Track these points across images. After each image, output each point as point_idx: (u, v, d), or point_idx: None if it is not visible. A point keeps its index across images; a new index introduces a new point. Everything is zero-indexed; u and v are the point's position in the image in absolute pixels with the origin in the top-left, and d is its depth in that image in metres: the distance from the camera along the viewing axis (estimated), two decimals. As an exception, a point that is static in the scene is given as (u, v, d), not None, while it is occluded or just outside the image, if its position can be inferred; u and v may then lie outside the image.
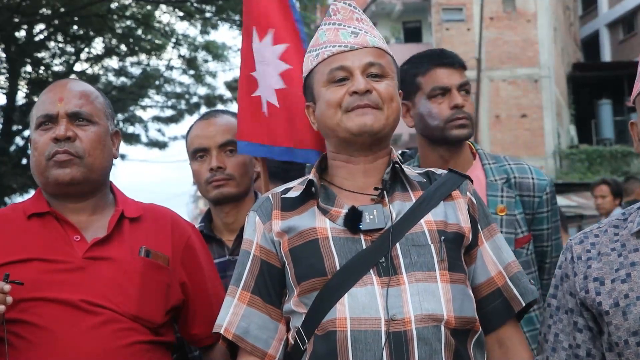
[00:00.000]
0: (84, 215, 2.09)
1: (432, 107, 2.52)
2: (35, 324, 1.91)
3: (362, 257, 1.77)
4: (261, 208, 1.92)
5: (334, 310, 1.73)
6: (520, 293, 1.88)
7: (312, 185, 1.88)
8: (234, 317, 1.85)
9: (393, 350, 1.67)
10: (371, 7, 27.74)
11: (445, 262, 1.78)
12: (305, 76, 1.96)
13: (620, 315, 1.71)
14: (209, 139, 2.57)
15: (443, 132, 2.51)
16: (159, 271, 2.08)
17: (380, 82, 1.87)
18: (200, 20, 14.63)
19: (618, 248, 1.80)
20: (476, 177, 2.55)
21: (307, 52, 1.96)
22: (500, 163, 2.61)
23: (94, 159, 2.08)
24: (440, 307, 1.73)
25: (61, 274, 1.97)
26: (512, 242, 2.48)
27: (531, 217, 2.55)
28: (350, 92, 1.84)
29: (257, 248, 1.88)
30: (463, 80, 2.55)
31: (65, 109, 2.07)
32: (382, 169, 1.89)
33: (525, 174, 2.58)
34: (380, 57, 1.89)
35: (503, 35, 24.03)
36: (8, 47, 14.04)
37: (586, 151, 23.93)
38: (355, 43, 1.88)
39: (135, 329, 1.98)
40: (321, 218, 1.83)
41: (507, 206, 2.51)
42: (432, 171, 1.97)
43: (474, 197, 1.92)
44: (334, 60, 1.88)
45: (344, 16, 1.93)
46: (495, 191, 2.53)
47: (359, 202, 1.84)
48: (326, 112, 1.87)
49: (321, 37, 1.93)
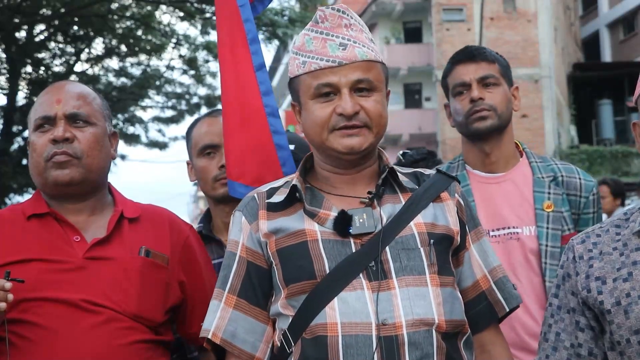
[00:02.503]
0: (83, 216, 2.10)
1: (456, 103, 2.59)
2: (37, 324, 1.92)
3: (352, 261, 1.75)
4: (247, 208, 1.89)
5: (323, 314, 1.71)
6: (505, 298, 1.89)
7: (296, 191, 1.85)
8: (221, 321, 1.83)
9: (384, 354, 1.67)
10: (371, 7, 27.76)
11: (435, 265, 1.78)
12: (290, 77, 1.91)
13: (622, 314, 1.71)
14: (219, 136, 2.55)
15: (467, 127, 2.57)
16: (158, 271, 2.09)
17: (369, 97, 1.81)
18: (200, 21, 14.62)
19: (620, 247, 1.79)
20: (523, 174, 2.60)
21: (293, 53, 1.91)
22: (547, 162, 2.64)
23: (92, 159, 2.09)
24: (432, 312, 1.72)
25: (62, 274, 1.98)
26: (558, 238, 2.49)
27: (577, 217, 2.55)
28: (337, 113, 1.80)
29: (242, 249, 1.85)
30: (485, 73, 2.55)
31: (63, 110, 2.08)
32: (369, 175, 1.88)
33: (572, 173, 2.59)
34: (368, 70, 1.82)
35: (503, 35, 24.05)
36: (8, 47, 14.04)
37: (586, 151, 23.95)
38: (344, 58, 1.80)
39: (135, 328, 1.99)
40: (309, 221, 1.81)
41: (554, 203, 2.52)
42: (421, 172, 1.96)
43: (462, 199, 1.92)
44: (321, 75, 1.80)
45: (332, 24, 1.85)
46: (542, 188, 2.55)
47: (348, 204, 1.83)
48: (313, 129, 1.83)
49: (307, 43, 1.84)
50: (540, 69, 24.90)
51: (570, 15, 31.81)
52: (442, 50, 24.47)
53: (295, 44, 1.91)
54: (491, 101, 2.53)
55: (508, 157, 2.61)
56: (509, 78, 2.63)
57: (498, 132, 2.56)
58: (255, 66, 2.51)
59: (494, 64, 2.58)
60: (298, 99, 1.89)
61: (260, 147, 2.45)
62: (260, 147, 2.45)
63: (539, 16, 25.47)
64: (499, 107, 2.54)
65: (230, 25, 2.54)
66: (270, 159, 2.45)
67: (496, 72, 2.57)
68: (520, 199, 2.55)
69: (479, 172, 2.62)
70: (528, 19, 25.48)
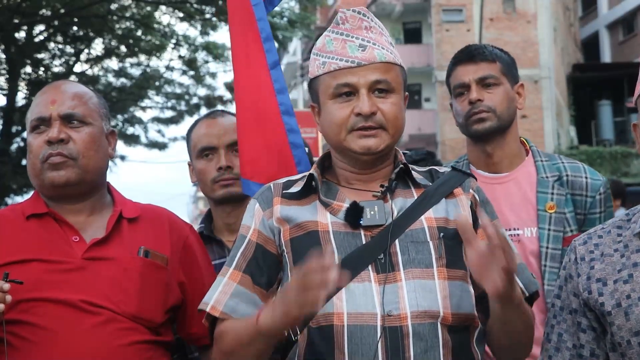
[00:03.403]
0: (82, 216, 2.10)
1: (457, 105, 2.58)
2: (36, 324, 1.92)
3: (361, 252, 1.77)
4: (262, 196, 1.92)
5: (330, 304, 1.72)
6: (524, 283, 1.88)
7: (312, 180, 1.88)
8: (223, 296, 1.83)
9: (389, 344, 1.68)
10: (371, 8, 27.75)
11: (444, 258, 1.78)
12: (311, 78, 1.95)
13: (623, 316, 1.71)
14: (217, 137, 2.57)
15: (467, 129, 2.56)
16: (158, 271, 2.09)
17: (386, 99, 1.84)
18: (200, 21, 14.62)
19: (621, 249, 1.80)
20: (528, 173, 2.58)
21: (313, 54, 1.94)
22: (553, 161, 2.60)
23: (89, 160, 2.08)
24: (437, 304, 1.73)
25: (61, 274, 1.98)
26: (559, 240, 2.46)
27: (582, 217, 2.51)
28: (355, 113, 1.83)
29: (254, 233, 1.87)
30: (484, 74, 2.53)
31: (58, 111, 2.08)
32: (385, 175, 1.90)
33: (578, 172, 2.55)
34: (387, 72, 1.85)
35: (503, 36, 24.02)
36: (8, 47, 14.04)
37: (586, 152, 23.90)
38: (363, 59, 1.84)
39: (135, 329, 1.99)
40: (322, 211, 1.84)
41: (556, 204, 2.49)
42: (435, 169, 1.97)
43: (477, 195, 1.92)
44: (340, 75, 1.84)
45: (352, 26, 1.88)
46: (546, 188, 2.52)
47: (361, 197, 1.85)
48: (331, 128, 1.87)
49: (328, 44, 1.89)
50: (540, 70, 24.89)
51: (570, 16, 31.81)
52: (442, 51, 24.47)
53: (316, 46, 1.94)
54: (490, 102, 2.51)
55: (512, 157, 2.59)
56: (512, 76, 2.61)
57: (500, 133, 2.55)
58: (270, 64, 2.52)
59: (495, 63, 2.56)
60: (317, 99, 1.92)
61: (275, 145, 2.46)
62: (275, 146, 2.46)
63: (538, 17, 25.46)
64: (498, 108, 2.52)
65: (243, 24, 2.55)
66: (285, 157, 2.46)
67: (497, 72, 2.55)
68: (523, 199, 2.53)
69: (483, 172, 2.60)
70: (527, 19, 25.47)
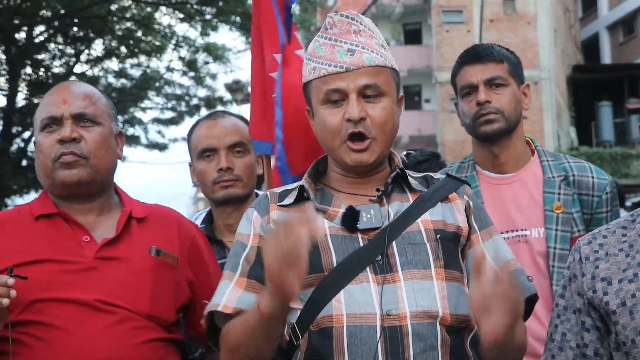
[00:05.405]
0: (92, 216, 2.11)
1: (464, 105, 2.56)
2: (51, 324, 1.93)
3: (359, 254, 1.78)
4: (259, 204, 1.92)
5: (329, 307, 1.73)
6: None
7: (303, 191, 1.88)
8: (232, 297, 1.82)
9: (388, 344, 1.68)
10: (371, 9, 27.78)
11: (441, 260, 1.79)
12: (304, 82, 1.95)
13: (627, 315, 1.71)
14: (218, 139, 2.57)
15: (474, 130, 2.54)
16: (169, 270, 2.10)
17: (376, 104, 1.84)
18: (200, 22, 14.64)
19: (626, 248, 1.80)
20: (533, 173, 2.56)
21: (305, 59, 1.95)
22: (559, 161, 2.59)
23: (99, 159, 2.09)
24: (436, 304, 1.74)
25: (74, 274, 1.98)
26: (567, 240, 2.45)
27: (589, 216, 2.50)
28: (345, 118, 1.83)
29: (255, 238, 1.86)
30: (492, 75, 2.51)
31: (70, 110, 2.09)
32: (381, 178, 1.91)
33: (584, 172, 2.54)
34: (376, 75, 1.84)
35: (503, 37, 24.03)
36: (8, 48, 14.04)
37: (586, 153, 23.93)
38: (351, 63, 1.82)
39: (149, 327, 2.00)
40: (319, 218, 1.83)
41: (563, 204, 2.48)
42: (431, 175, 1.98)
43: (471, 201, 1.93)
44: (329, 80, 1.84)
45: (341, 30, 1.88)
46: (552, 188, 2.51)
47: (357, 202, 1.85)
48: (325, 135, 1.87)
49: (318, 49, 1.88)
50: (540, 71, 24.91)
51: (570, 17, 31.84)
52: (442, 52, 24.50)
53: (308, 51, 1.94)
54: (498, 104, 2.49)
55: (518, 157, 2.58)
56: (519, 76, 2.59)
57: (507, 134, 2.53)
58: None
59: (502, 63, 2.54)
60: (310, 104, 1.92)
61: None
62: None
63: (538, 18, 25.49)
64: (506, 110, 2.50)
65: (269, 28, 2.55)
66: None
67: (504, 73, 2.53)
68: (530, 200, 2.52)
69: (489, 173, 2.59)
70: (528, 20, 25.50)
